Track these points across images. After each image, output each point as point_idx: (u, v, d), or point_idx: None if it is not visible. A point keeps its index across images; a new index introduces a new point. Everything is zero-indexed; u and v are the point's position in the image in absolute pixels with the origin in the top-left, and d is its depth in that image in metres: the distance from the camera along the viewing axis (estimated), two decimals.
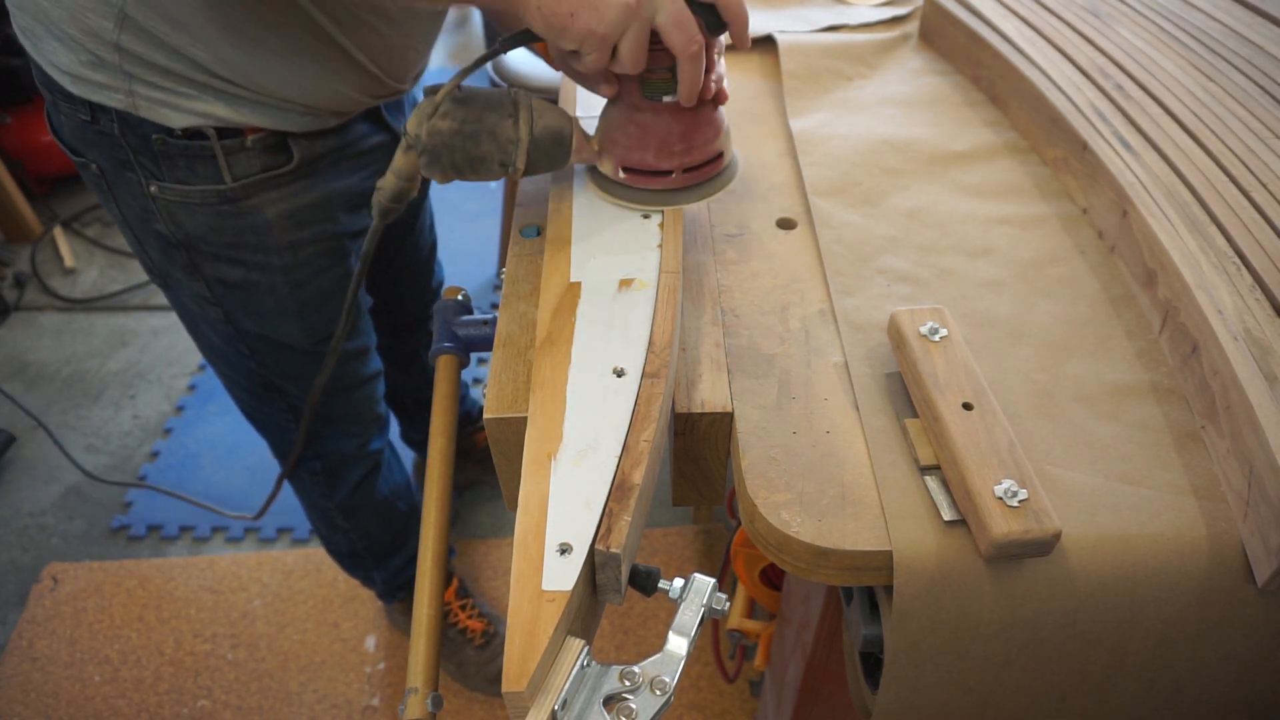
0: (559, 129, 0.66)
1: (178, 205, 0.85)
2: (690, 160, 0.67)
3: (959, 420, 0.53)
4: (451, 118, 0.64)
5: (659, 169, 0.67)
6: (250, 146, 0.83)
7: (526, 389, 0.61)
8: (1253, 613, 0.52)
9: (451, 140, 0.64)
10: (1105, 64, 0.83)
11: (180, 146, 0.81)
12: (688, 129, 0.66)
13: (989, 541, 0.48)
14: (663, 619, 1.54)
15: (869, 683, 0.60)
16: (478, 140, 0.64)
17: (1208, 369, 0.56)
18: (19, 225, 2.37)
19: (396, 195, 0.69)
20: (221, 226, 0.87)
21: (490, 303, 2.17)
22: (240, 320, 0.97)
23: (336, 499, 1.25)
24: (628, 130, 0.67)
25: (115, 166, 0.83)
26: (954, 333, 0.58)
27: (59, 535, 1.72)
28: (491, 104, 0.65)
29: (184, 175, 0.83)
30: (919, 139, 0.84)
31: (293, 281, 0.94)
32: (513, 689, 0.42)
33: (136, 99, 0.77)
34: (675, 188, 0.68)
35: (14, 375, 2.04)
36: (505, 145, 0.64)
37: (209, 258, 0.90)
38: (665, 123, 0.66)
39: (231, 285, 0.93)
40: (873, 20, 1.04)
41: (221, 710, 1.46)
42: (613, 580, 0.49)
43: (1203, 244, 0.63)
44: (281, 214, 0.89)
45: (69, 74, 0.77)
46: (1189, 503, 0.53)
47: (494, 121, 0.64)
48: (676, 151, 0.67)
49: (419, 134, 0.63)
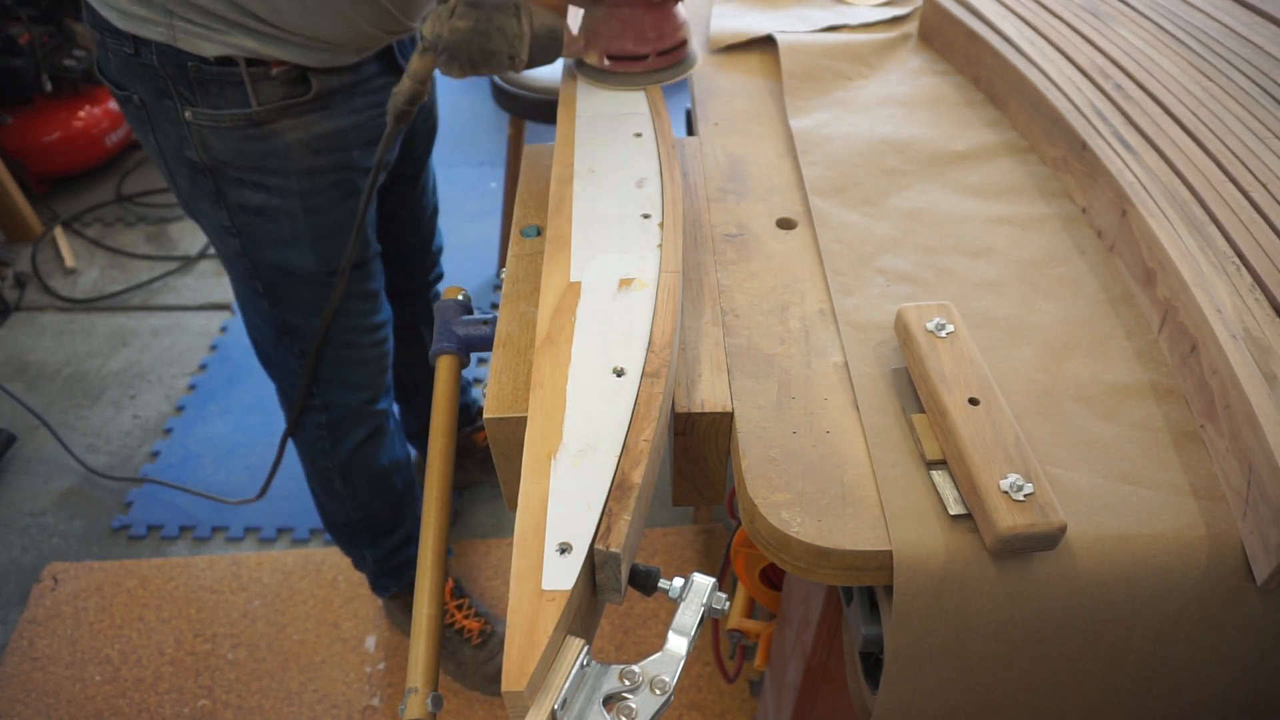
0: (553, 26, 0.78)
1: (209, 130, 0.93)
2: (662, 45, 0.82)
3: (965, 415, 0.53)
4: (466, 18, 0.74)
5: (638, 54, 0.82)
6: (274, 76, 0.91)
7: (526, 389, 0.61)
8: (1252, 612, 0.52)
9: (469, 37, 0.74)
10: (1105, 64, 0.83)
11: (213, 73, 0.90)
12: (657, 19, 0.81)
13: (995, 535, 0.48)
14: (663, 619, 1.55)
15: (869, 683, 0.60)
16: (489, 36, 0.74)
17: (1207, 368, 0.56)
18: (19, 225, 2.37)
19: (411, 97, 0.79)
20: (247, 150, 0.95)
21: (490, 303, 2.17)
22: (258, 250, 1.04)
23: (338, 458, 1.27)
24: (610, 24, 0.81)
25: (155, 96, 0.93)
26: (960, 328, 0.58)
27: (59, 535, 1.72)
28: (498, 5, 0.76)
29: (215, 100, 0.92)
30: (919, 139, 0.84)
31: (308, 207, 1.01)
32: (512, 688, 0.42)
33: (176, 32, 0.87)
34: (652, 68, 0.83)
35: (14, 375, 2.04)
36: (512, 40, 0.75)
37: (234, 183, 0.98)
38: (639, 15, 0.80)
39: (253, 211, 1.00)
40: (873, 20, 1.04)
41: (221, 710, 1.46)
42: (612, 580, 0.49)
43: (1202, 244, 0.63)
44: (301, 140, 0.96)
45: (117, 10, 0.87)
46: (1188, 502, 0.53)
47: (502, 20, 0.75)
48: (650, 38, 0.81)
49: (440, 34, 0.73)
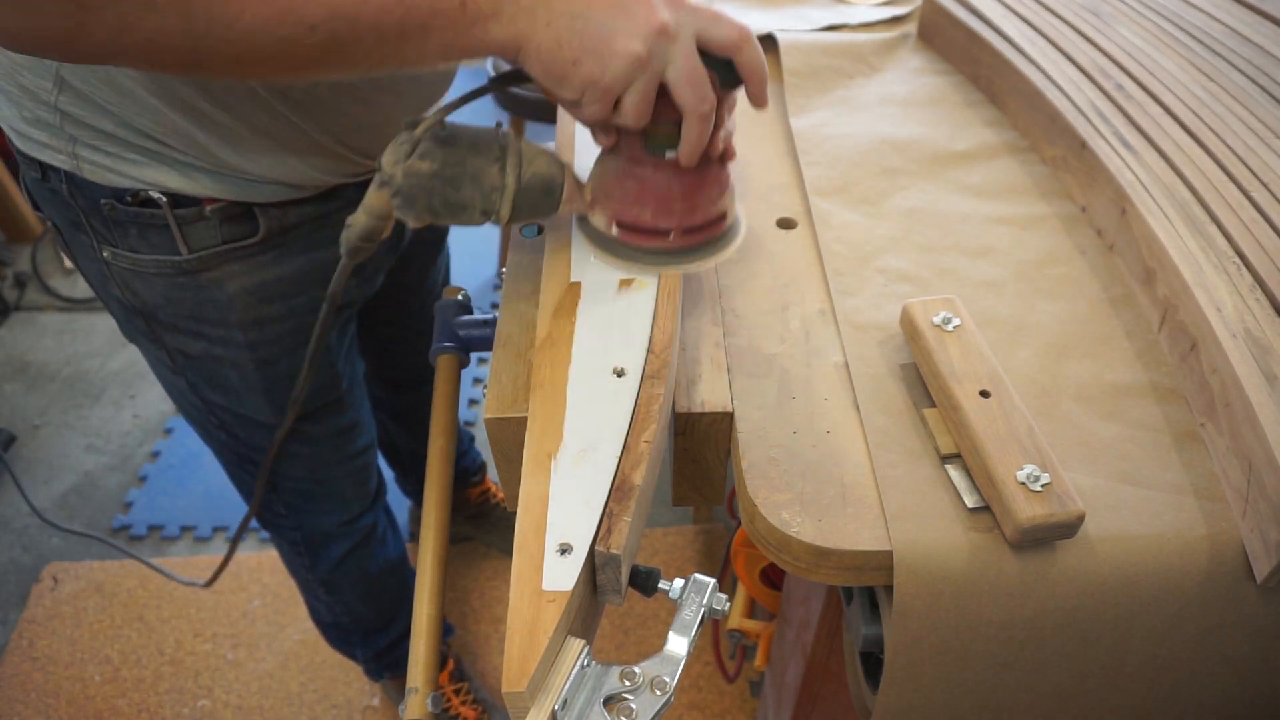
0: (549, 177, 0.60)
1: (131, 273, 0.77)
2: (691, 221, 0.61)
3: (978, 408, 0.53)
4: (432, 158, 0.57)
5: (656, 228, 0.61)
6: (209, 216, 0.73)
7: (526, 389, 0.61)
8: (1253, 612, 0.52)
9: (430, 184, 0.57)
10: (1106, 63, 0.83)
11: (130, 214, 0.72)
12: (690, 187, 0.60)
13: (1015, 526, 0.48)
14: (663, 619, 1.54)
15: (869, 683, 0.60)
16: (459, 185, 0.58)
17: (1207, 367, 0.56)
18: (19, 225, 2.37)
19: (366, 234, 0.61)
20: (179, 298, 0.79)
21: (490, 303, 2.17)
22: (206, 393, 0.89)
23: (318, 573, 1.15)
24: (625, 184, 0.61)
25: (69, 227, 0.77)
26: (967, 321, 0.58)
27: (59, 535, 1.72)
28: (477, 146, 0.58)
29: (135, 244, 0.74)
30: (919, 138, 0.84)
31: (259, 359, 0.85)
32: (513, 689, 0.42)
33: (80, 161, 0.70)
34: (672, 249, 0.62)
35: (14, 375, 2.04)
36: (489, 192, 0.59)
37: (168, 328, 0.82)
38: (666, 179, 0.59)
39: (194, 358, 0.85)
40: (873, 20, 1.04)
41: (221, 710, 1.46)
42: (613, 581, 0.49)
43: (1203, 243, 0.63)
44: (246, 289, 0.79)
45: (14, 130, 0.71)
46: (1189, 503, 0.53)
47: (478, 166, 0.58)
48: (676, 211, 0.61)
49: (393, 174, 0.57)
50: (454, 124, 0.59)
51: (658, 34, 0.50)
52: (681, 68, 0.52)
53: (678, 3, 0.52)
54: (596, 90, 0.52)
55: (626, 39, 0.50)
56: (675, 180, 0.59)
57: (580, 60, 0.51)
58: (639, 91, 0.52)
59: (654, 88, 0.53)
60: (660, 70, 0.52)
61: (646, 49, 0.50)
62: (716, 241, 0.64)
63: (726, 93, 0.56)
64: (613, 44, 0.50)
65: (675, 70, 0.52)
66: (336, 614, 1.24)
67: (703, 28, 0.52)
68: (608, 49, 0.50)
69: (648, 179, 0.60)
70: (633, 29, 0.50)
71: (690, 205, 0.61)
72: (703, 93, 0.53)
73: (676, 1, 0.52)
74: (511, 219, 0.60)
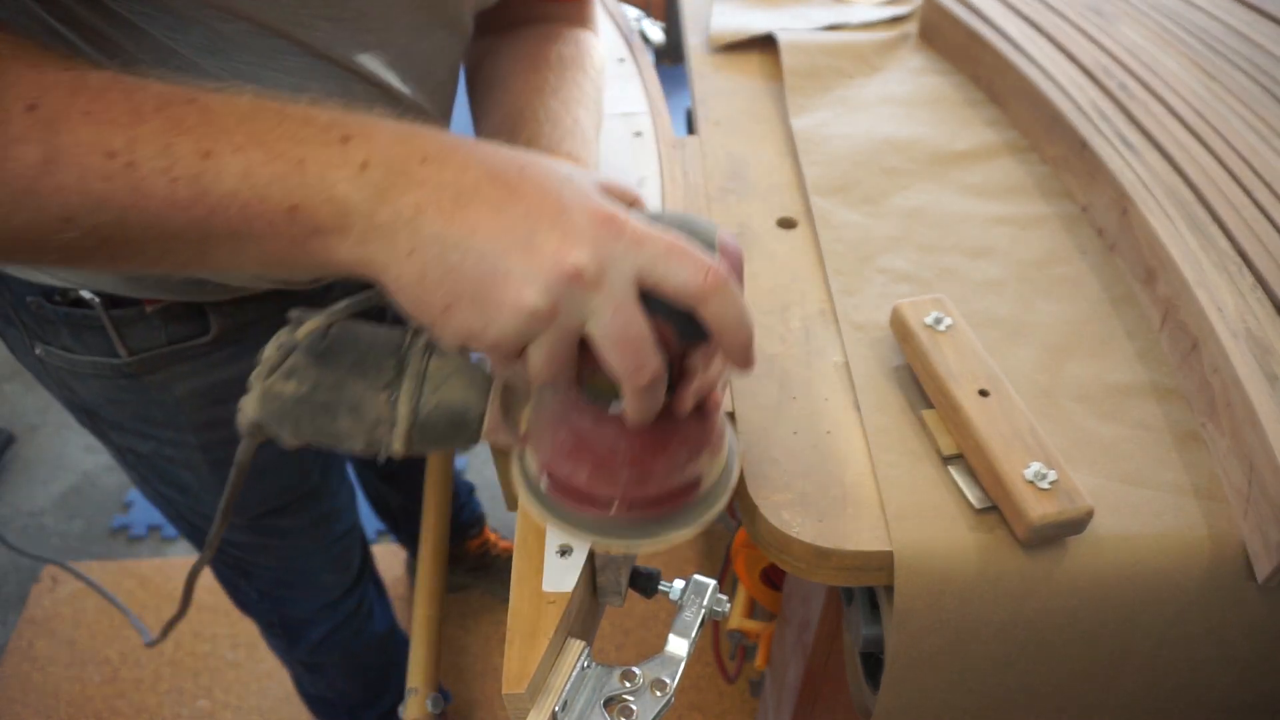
0: (460, 407, 0.46)
1: (67, 373, 0.69)
2: (641, 492, 0.44)
3: (978, 407, 0.53)
4: (300, 379, 0.44)
5: (594, 495, 0.44)
6: (151, 316, 0.64)
7: None
8: (1253, 613, 0.52)
9: (296, 410, 0.45)
10: (1108, 63, 0.83)
11: (59, 313, 0.64)
12: (644, 450, 0.43)
13: (1026, 526, 0.48)
14: (663, 620, 1.54)
15: (869, 683, 0.60)
16: (334, 413, 0.45)
17: (1208, 366, 0.56)
18: None
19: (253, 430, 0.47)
20: (121, 400, 0.70)
21: None
22: (161, 489, 0.82)
23: (296, 655, 1.08)
24: (558, 433, 0.44)
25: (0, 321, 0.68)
26: (959, 320, 0.58)
27: (59, 535, 1.72)
28: (364, 364, 0.45)
29: (69, 343, 0.66)
30: (920, 138, 0.84)
31: (214, 460, 0.76)
32: (513, 690, 0.42)
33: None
34: (621, 520, 0.45)
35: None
36: (373, 426, 0.45)
37: (113, 426, 0.74)
38: (610, 436, 0.43)
39: (144, 456, 0.77)
40: (873, 19, 1.04)
41: (221, 710, 1.46)
42: (613, 582, 0.49)
43: (1204, 243, 0.63)
44: (196, 390, 0.70)
45: None
46: (1190, 503, 0.53)
47: (359, 393, 0.45)
48: (621, 479, 0.43)
49: (252, 385, 0.45)
50: (348, 326, 0.47)
51: (568, 280, 0.35)
52: (608, 325, 0.36)
53: (615, 228, 0.36)
54: (480, 345, 0.38)
55: (520, 286, 0.35)
56: (622, 439, 0.43)
57: (453, 307, 0.37)
58: (544, 350, 0.38)
59: (569, 344, 0.38)
60: (575, 326, 0.37)
61: (549, 301, 0.35)
62: (684, 512, 0.46)
63: (691, 346, 0.41)
64: (499, 291, 0.36)
65: (599, 327, 0.37)
66: (320, 689, 1.19)
67: (647, 267, 0.36)
68: (491, 297, 0.36)
69: (586, 433, 0.44)
70: (530, 271, 0.35)
71: (642, 472, 0.43)
72: (640, 360, 0.37)
73: (614, 225, 0.36)
74: (408, 450, 0.47)
